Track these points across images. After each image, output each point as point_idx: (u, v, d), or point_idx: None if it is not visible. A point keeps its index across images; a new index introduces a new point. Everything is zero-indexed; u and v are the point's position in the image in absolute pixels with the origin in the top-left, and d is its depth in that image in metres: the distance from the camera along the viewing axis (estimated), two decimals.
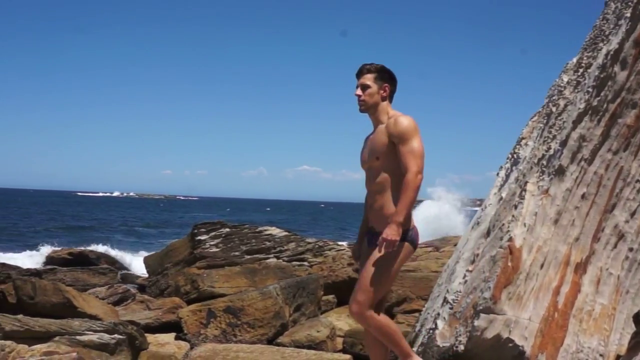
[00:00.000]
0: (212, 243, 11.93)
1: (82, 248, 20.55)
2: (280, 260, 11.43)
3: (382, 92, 4.24)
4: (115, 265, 17.96)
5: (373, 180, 4.19)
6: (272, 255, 11.76)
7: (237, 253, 11.73)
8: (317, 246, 12.46)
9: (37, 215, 61.36)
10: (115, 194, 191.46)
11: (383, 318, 4.18)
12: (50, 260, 18.48)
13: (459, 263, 5.14)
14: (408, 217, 4.04)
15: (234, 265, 10.72)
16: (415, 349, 4.93)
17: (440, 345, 4.65)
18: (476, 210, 6.09)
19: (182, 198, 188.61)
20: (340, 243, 13.97)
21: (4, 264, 14.31)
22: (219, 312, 7.99)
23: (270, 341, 7.76)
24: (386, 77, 4.27)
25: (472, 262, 4.95)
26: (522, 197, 4.72)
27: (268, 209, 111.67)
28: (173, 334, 8.41)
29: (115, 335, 6.39)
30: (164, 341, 8.05)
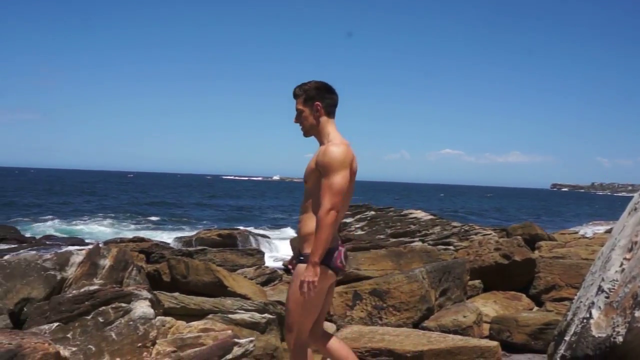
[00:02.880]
0: (357, 226, 12.10)
1: (230, 230, 21.47)
2: (426, 244, 11.42)
3: (314, 112, 4.10)
4: (262, 246, 18.66)
5: (303, 201, 4.12)
6: (417, 239, 11.78)
7: (382, 236, 11.82)
8: (462, 230, 12.34)
9: (187, 196, 64.64)
10: (274, 177, 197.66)
11: (330, 346, 4.19)
12: (200, 241, 19.47)
13: (614, 250, 4.96)
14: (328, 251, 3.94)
15: (379, 248, 10.83)
16: (567, 338, 4.82)
17: (596, 336, 4.52)
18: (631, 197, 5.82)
19: None
20: (486, 227, 13.75)
21: (157, 244, 15.26)
22: (365, 294, 8.12)
23: (416, 325, 7.80)
24: (314, 94, 4.10)
25: (630, 249, 4.75)
26: None
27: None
28: None
29: (266, 315, 6.66)
30: None
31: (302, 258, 4.04)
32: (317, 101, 4.09)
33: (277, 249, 20.15)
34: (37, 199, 51.12)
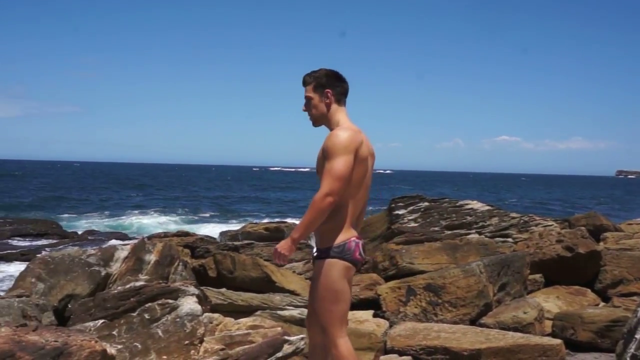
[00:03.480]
0: (410, 218, 12.05)
1: (278, 223, 21.56)
2: (483, 236, 11.30)
3: (325, 99, 4.10)
4: (311, 239, 18.70)
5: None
6: (473, 231, 11.66)
7: (436, 228, 11.75)
8: (522, 221, 12.17)
9: (233, 188, 65.30)
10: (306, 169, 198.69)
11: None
12: (247, 235, 19.60)
13: None
14: (330, 235, 3.96)
15: (434, 240, 10.76)
16: (638, 336, 4.71)
17: None
18: None
19: (381, 172, 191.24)
20: (547, 218, 13.53)
21: (202, 239, 15.41)
22: (419, 289, 8.08)
23: (473, 321, 7.73)
24: (325, 81, 4.10)
25: None
26: None
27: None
28: (371, 312, 8.61)
29: None
30: (363, 318, 8.27)
31: (317, 253, 4.06)
32: (327, 88, 4.11)
33: None
34: (81, 192, 52.23)
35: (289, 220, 23.15)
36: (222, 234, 18.92)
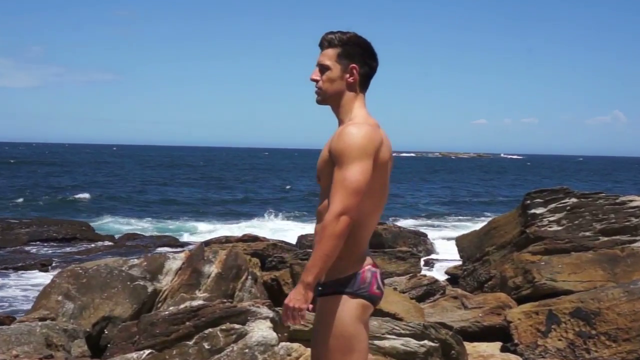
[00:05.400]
0: (552, 219, 11.82)
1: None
2: None
3: (347, 76, 3.92)
4: (417, 247, 18.65)
5: (318, 205, 3.95)
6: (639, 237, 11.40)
7: (588, 233, 11.51)
8: None
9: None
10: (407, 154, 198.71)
11: None
12: None
13: None
14: (338, 264, 3.78)
15: (584, 250, 10.56)
16: None
17: None
18: None
19: (505, 156, 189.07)
20: None
21: (275, 245, 15.55)
22: (564, 316, 7.97)
23: None
24: (355, 52, 3.92)
25: None
26: None
27: None
28: (499, 344, 8.54)
29: (425, 342, 6.66)
30: (487, 352, 8.21)
31: (320, 289, 3.93)
32: (355, 63, 3.97)
33: (437, 249, 20.08)
34: (121, 185, 53.48)
35: (389, 221, 23.14)
36: (302, 238, 19.00)
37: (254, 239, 16.45)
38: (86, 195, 42.40)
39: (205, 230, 27.98)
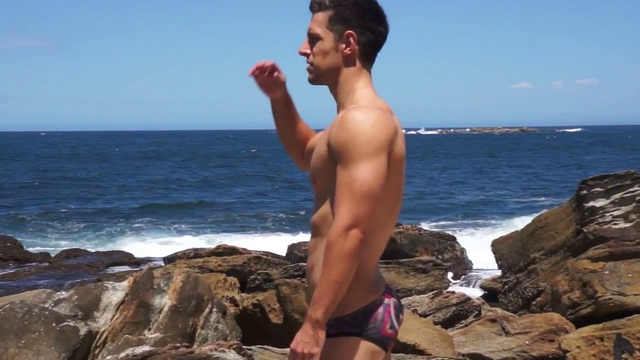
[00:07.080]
0: (616, 213, 11.77)
1: None
2: None
3: (343, 47, 3.82)
4: (443, 255, 18.50)
5: (312, 212, 3.92)
6: None
7: None
8: None
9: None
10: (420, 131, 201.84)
11: None
12: None
13: None
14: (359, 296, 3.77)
15: None
16: None
17: None
18: None
19: (562, 130, 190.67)
20: None
21: (259, 257, 15.33)
22: (638, 341, 7.95)
23: None
24: (352, 15, 3.80)
25: None
26: None
27: None
28: None
29: None
30: None
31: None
32: (351, 29, 3.84)
33: (469, 257, 19.98)
34: (57, 182, 53.62)
35: (406, 222, 23.04)
36: (294, 247, 18.84)
37: (231, 250, 16.23)
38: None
39: (163, 242, 27.88)
